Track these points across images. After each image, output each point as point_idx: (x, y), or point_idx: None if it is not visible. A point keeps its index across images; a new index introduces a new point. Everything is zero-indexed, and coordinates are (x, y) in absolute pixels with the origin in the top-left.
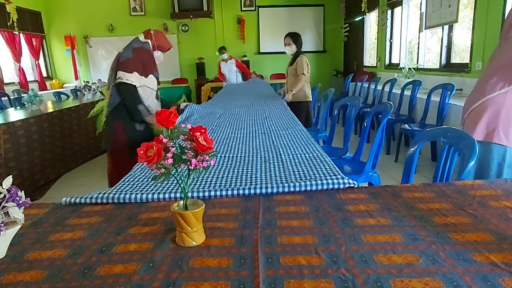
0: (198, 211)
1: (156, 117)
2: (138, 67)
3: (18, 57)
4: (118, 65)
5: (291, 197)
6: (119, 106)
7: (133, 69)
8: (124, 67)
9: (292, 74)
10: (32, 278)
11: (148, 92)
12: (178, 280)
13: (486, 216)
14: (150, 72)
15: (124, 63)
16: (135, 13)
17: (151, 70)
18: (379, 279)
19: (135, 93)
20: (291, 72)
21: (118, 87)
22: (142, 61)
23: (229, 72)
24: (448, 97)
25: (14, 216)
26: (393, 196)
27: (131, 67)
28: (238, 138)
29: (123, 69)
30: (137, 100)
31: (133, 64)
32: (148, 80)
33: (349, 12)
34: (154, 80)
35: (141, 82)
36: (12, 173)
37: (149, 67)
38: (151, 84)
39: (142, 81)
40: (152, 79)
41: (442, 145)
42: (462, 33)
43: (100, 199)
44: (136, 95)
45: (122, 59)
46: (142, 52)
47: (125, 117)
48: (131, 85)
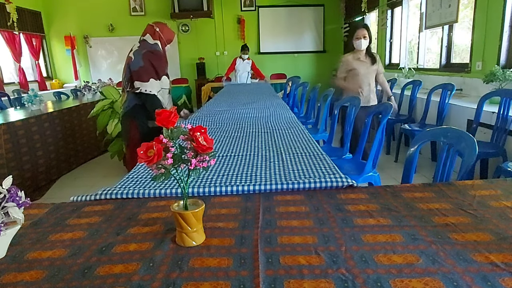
0: (198, 211)
1: (156, 117)
2: (152, 73)
3: (18, 57)
4: (132, 75)
5: (291, 197)
6: (134, 107)
7: (149, 77)
8: (139, 77)
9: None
10: (32, 278)
11: (163, 93)
12: (178, 280)
13: (486, 216)
14: (163, 73)
15: (138, 72)
16: (135, 13)
17: (164, 72)
18: (379, 279)
19: (156, 101)
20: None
21: (139, 96)
22: (154, 66)
23: (243, 71)
24: (448, 97)
25: (14, 216)
26: (393, 196)
27: (146, 76)
28: (240, 137)
29: (139, 79)
30: (158, 105)
31: (147, 72)
32: (162, 81)
33: (349, 12)
34: (167, 79)
35: (159, 87)
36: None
37: (162, 69)
38: (165, 84)
39: (158, 85)
40: (165, 79)
41: (442, 145)
42: (462, 33)
43: (104, 195)
44: (157, 102)
45: (135, 67)
46: (152, 57)
47: (139, 117)
48: (152, 95)
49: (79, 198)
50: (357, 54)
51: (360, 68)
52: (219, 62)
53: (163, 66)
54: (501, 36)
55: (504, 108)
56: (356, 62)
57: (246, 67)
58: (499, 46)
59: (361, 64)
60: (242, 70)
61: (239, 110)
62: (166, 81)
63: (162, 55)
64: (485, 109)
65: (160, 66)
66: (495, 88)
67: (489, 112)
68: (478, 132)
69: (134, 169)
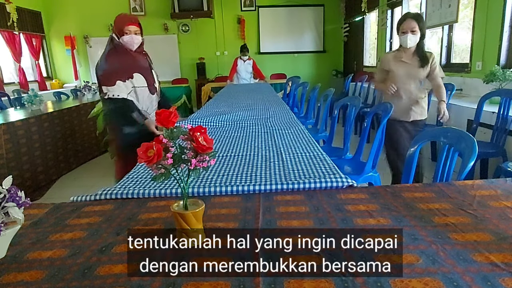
0: (198, 211)
1: (156, 117)
2: (118, 74)
3: (18, 57)
4: (98, 79)
5: (291, 197)
6: (110, 114)
7: (114, 80)
8: (105, 81)
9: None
10: (32, 278)
11: (139, 92)
12: (178, 280)
13: (486, 216)
14: (133, 71)
15: (103, 76)
16: (135, 13)
17: (133, 69)
18: (379, 279)
19: (125, 105)
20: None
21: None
22: (119, 65)
23: (245, 72)
24: (448, 97)
25: (14, 216)
26: (393, 196)
27: (111, 79)
28: (239, 137)
29: (105, 84)
30: (129, 109)
31: (112, 75)
32: (135, 80)
33: (349, 12)
34: (140, 76)
35: (129, 87)
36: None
37: (129, 67)
38: (139, 82)
39: (128, 86)
40: (138, 77)
41: (442, 145)
42: (462, 33)
43: (104, 195)
44: (127, 106)
45: (100, 71)
46: (115, 56)
47: (114, 122)
48: (120, 99)
49: (79, 198)
50: (400, 53)
51: (398, 70)
52: (219, 62)
53: (130, 62)
54: (501, 36)
55: (504, 108)
56: (395, 63)
57: (248, 68)
58: (499, 46)
59: (401, 66)
60: (245, 71)
61: (239, 110)
62: (140, 79)
63: (125, 51)
64: (485, 109)
65: (127, 62)
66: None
67: (489, 112)
68: (478, 132)
69: (134, 169)
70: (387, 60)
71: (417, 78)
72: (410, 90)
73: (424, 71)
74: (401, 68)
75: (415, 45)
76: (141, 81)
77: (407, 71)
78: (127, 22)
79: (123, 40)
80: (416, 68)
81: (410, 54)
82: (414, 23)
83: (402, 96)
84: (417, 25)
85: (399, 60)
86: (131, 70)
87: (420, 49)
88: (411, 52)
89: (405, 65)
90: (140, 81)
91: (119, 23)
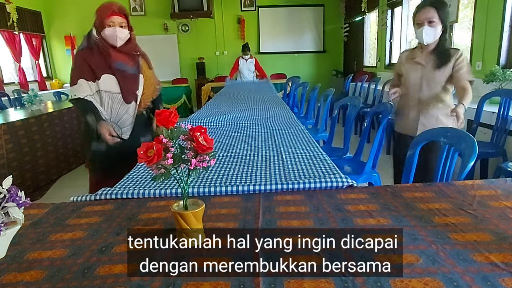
0: (198, 211)
1: (156, 117)
2: (84, 73)
3: (18, 57)
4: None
5: (291, 197)
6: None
7: (77, 78)
8: (70, 81)
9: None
10: (32, 278)
11: (106, 97)
12: (178, 280)
13: (486, 216)
14: (103, 71)
15: (70, 76)
16: (135, 13)
17: (103, 69)
18: (379, 279)
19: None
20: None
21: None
22: (88, 64)
23: (248, 71)
24: None
25: (14, 216)
26: (393, 196)
27: (75, 76)
28: (239, 137)
29: (71, 83)
30: (84, 111)
31: (77, 72)
32: (102, 82)
33: (349, 12)
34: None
35: (93, 89)
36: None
37: (98, 66)
38: (107, 86)
39: (93, 87)
40: (108, 79)
41: (442, 145)
42: (462, 33)
43: (104, 195)
44: (82, 107)
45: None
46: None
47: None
48: (76, 99)
49: (79, 198)
50: (415, 52)
51: (408, 73)
52: (219, 62)
53: (101, 61)
54: (501, 36)
55: (504, 108)
56: (407, 64)
57: (250, 67)
58: (499, 46)
59: (413, 68)
60: (247, 70)
61: (239, 110)
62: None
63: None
64: (485, 109)
65: (95, 61)
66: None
67: (489, 112)
68: (478, 132)
69: (134, 169)
70: (400, 61)
71: (434, 83)
72: (421, 98)
73: (442, 74)
74: (413, 72)
75: (435, 41)
76: (112, 85)
77: (420, 74)
78: (110, 12)
79: (104, 34)
80: (430, 70)
81: (427, 53)
82: (433, 12)
83: (410, 106)
84: (437, 14)
85: (412, 60)
86: (100, 70)
87: (441, 46)
88: (429, 51)
89: (417, 67)
90: (109, 84)
91: (101, 13)
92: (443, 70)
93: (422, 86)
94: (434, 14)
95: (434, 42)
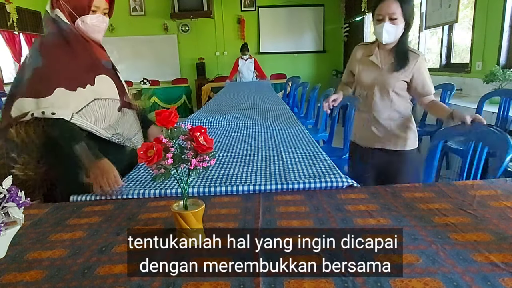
0: (198, 211)
1: (156, 117)
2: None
3: (18, 57)
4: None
5: (291, 197)
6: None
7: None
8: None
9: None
10: (32, 278)
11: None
12: (178, 280)
13: (486, 216)
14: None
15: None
16: (135, 13)
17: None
18: (379, 279)
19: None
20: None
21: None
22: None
23: (247, 71)
24: (448, 97)
25: (14, 216)
26: (393, 196)
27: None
28: (240, 137)
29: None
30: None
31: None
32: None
33: (349, 12)
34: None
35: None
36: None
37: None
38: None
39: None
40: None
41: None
42: (462, 33)
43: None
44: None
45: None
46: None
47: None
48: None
49: (79, 198)
50: (372, 47)
51: (361, 74)
52: (219, 62)
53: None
54: (501, 36)
55: (504, 108)
56: (362, 62)
57: (250, 67)
58: (499, 46)
59: (367, 68)
60: (247, 70)
61: (239, 110)
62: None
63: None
64: (485, 109)
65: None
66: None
67: (489, 112)
68: None
69: (134, 169)
70: (353, 57)
71: (389, 88)
72: (373, 105)
73: (399, 79)
74: (366, 72)
75: (396, 40)
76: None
77: (374, 76)
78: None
79: (84, 22)
80: (386, 73)
81: (384, 52)
82: (396, 7)
83: (362, 112)
84: (400, 9)
85: (367, 58)
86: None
87: (401, 46)
88: (387, 50)
89: (371, 68)
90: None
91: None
92: (401, 74)
93: (375, 91)
94: (397, 9)
95: (394, 41)
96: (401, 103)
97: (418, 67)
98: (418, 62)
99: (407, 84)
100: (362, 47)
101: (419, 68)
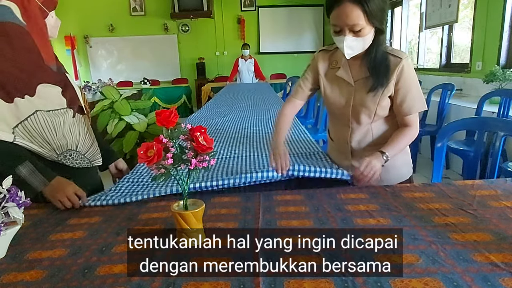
0: (198, 211)
1: (156, 117)
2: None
3: None
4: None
5: (291, 197)
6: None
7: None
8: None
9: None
10: (32, 278)
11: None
12: (178, 280)
13: (486, 216)
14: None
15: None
16: (135, 13)
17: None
18: (379, 279)
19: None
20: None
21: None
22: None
23: (247, 72)
24: (448, 97)
25: (14, 216)
26: (393, 196)
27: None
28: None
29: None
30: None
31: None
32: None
33: None
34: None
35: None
36: None
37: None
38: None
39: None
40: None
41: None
42: (462, 33)
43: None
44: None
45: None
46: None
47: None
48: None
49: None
50: (336, 55)
51: (331, 95)
52: (219, 62)
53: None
54: (501, 36)
55: (504, 108)
56: (329, 77)
57: (250, 67)
58: (499, 46)
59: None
60: (246, 71)
61: (239, 110)
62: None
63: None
64: (485, 109)
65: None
66: (495, 88)
67: (489, 112)
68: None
69: (134, 169)
70: (314, 66)
71: (368, 112)
72: (350, 132)
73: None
74: (335, 92)
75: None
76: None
77: (345, 97)
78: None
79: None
80: (361, 91)
81: (355, 64)
82: (357, 15)
83: (336, 143)
84: (363, 16)
85: (332, 71)
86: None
87: (375, 56)
88: (360, 58)
89: (342, 85)
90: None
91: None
92: (379, 91)
93: (350, 115)
94: (359, 18)
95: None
96: (387, 126)
97: (400, 75)
98: (401, 68)
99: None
100: (324, 56)
101: (402, 76)
